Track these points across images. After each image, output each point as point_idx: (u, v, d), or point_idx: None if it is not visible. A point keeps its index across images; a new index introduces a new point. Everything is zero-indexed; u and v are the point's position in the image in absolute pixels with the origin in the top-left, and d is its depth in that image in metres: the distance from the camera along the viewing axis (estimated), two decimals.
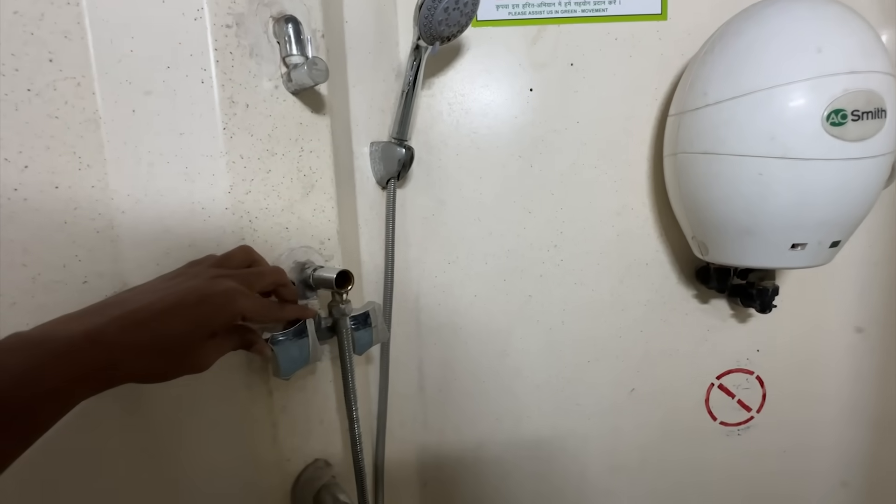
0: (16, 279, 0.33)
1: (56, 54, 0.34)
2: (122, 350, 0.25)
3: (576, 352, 0.67)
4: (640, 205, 0.64)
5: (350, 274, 0.40)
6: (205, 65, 0.37)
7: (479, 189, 0.62)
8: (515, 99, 0.61)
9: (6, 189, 0.32)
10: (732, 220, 0.50)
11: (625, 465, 0.71)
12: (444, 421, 0.68)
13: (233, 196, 0.39)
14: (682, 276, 0.67)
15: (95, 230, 0.36)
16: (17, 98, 0.32)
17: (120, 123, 0.36)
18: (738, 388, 0.70)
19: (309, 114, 0.44)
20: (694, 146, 0.51)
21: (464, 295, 0.65)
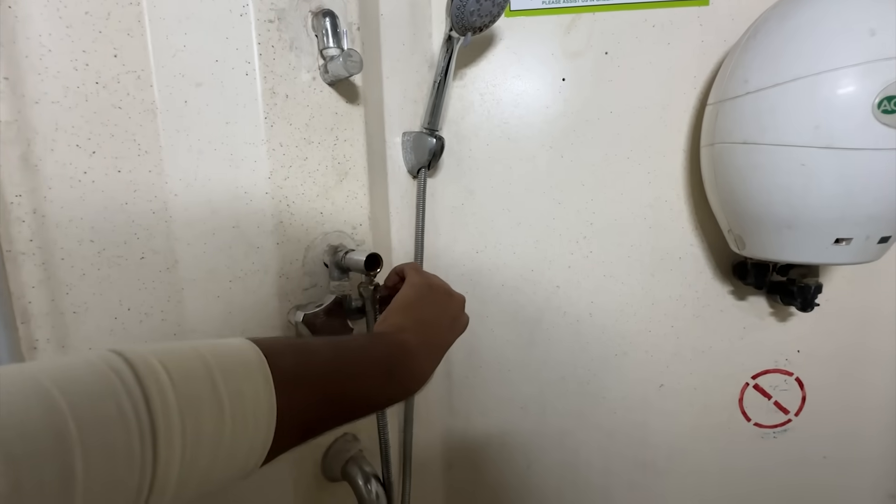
0: (85, 253, 0.37)
1: (120, 50, 0.37)
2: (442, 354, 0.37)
3: (603, 344, 0.67)
4: (674, 197, 0.63)
5: (379, 257, 0.42)
6: (249, 58, 0.39)
7: (508, 179, 0.63)
8: (547, 89, 0.61)
9: (77, 172, 0.36)
10: (771, 213, 0.49)
11: (652, 461, 0.70)
12: (469, 406, 0.69)
13: (272, 181, 0.41)
14: (718, 271, 0.65)
15: (152, 211, 0.40)
16: (87, 90, 0.36)
17: (174, 113, 0.39)
18: (776, 390, 0.67)
19: (344, 104, 0.46)
20: (732, 136, 0.50)
21: (491, 284, 0.66)
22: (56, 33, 0.34)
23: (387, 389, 0.31)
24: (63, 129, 0.35)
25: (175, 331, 0.42)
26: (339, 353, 0.29)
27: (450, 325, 0.39)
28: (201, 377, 0.22)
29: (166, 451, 0.19)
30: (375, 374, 0.30)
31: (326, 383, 0.27)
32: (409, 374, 0.33)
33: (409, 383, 0.33)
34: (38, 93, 0.34)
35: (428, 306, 0.38)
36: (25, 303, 0.34)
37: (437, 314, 0.38)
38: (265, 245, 0.42)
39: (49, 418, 0.17)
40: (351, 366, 0.29)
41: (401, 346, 0.33)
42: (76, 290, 0.37)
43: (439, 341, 0.37)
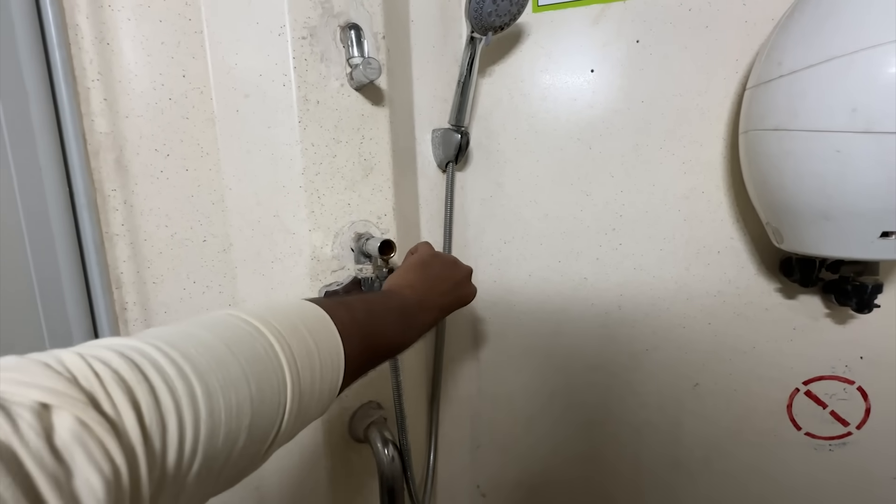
0: (161, 236, 0.46)
1: (187, 71, 0.46)
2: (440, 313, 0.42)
3: (633, 338, 0.66)
4: (712, 188, 0.60)
5: (392, 242, 0.46)
6: (286, 70, 0.46)
7: (535, 172, 0.64)
8: (575, 81, 0.61)
9: (156, 171, 0.45)
10: (806, 204, 0.45)
11: (685, 461, 0.68)
12: (497, 390, 0.72)
13: (305, 177, 0.48)
14: (763, 267, 0.61)
15: (211, 202, 0.48)
16: (163, 105, 0.45)
17: (228, 121, 0.47)
18: (833, 399, 0.62)
19: (370, 106, 0.51)
20: (765, 122, 0.47)
21: (519, 274, 0.68)
22: (140, 61, 0.43)
23: (404, 336, 0.36)
24: (145, 137, 0.45)
25: (230, 301, 0.50)
26: (371, 307, 0.34)
27: (451, 288, 0.43)
28: (301, 337, 0.25)
29: (289, 399, 0.23)
30: (396, 323, 0.35)
31: (367, 334, 0.31)
32: (416, 323, 0.37)
33: (416, 333, 0.38)
34: (128, 109, 0.43)
35: (430, 268, 0.43)
36: (118, 273, 0.44)
37: (438, 276, 0.42)
38: (300, 231, 0.49)
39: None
40: (381, 317, 0.34)
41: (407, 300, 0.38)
42: (155, 265, 0.46)
43: (438, 300, 0.41)
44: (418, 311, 0.38)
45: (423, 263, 0.44)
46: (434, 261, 0.45)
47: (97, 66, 0.41)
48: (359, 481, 0.56)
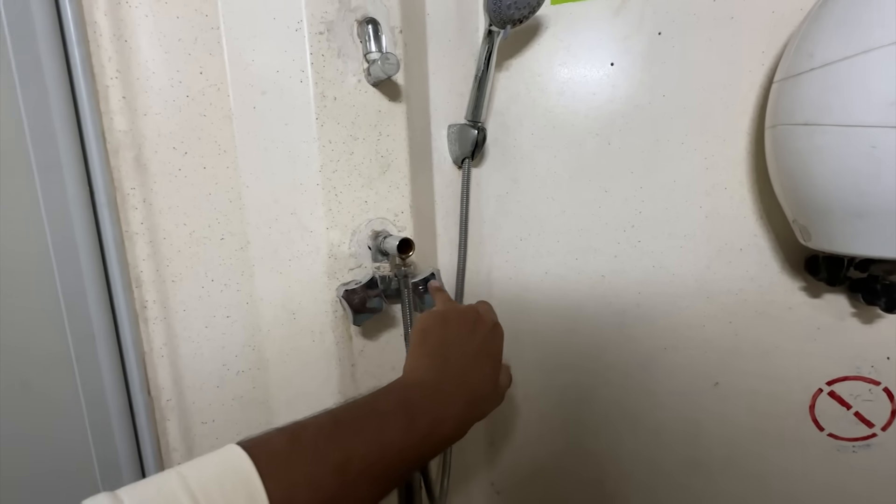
0: (180, 234, 0.46)
1: (204, 68, 0.45)
2: (478, 399, 0.34)
3: (651, 336, 0.65)
4: (735, 184, 0.59)
5: (410, 241, 0.46)
6: (303, 66, 0.45)
7: (552, 168, 0.63)
8: (594, 75, 0.60)
9: (174, 169, 0.45)
10: (837, 202, 0.44)
11: (703, 461, 0.67)
12: (512, 389, 0.71)
13: (323, 174, 0.48)
14: (787, 265, 0.59)
15: (229, 200, 0.48)
16: (181, 102, 0.45)
17: (245, 118, 0.47)
18: (857, 399, 0.60)
19: (387, 102, 0.50)
20: (794, 117, 0.46)
21: (535, 271, 0.67)
22: (158, 58, 0.43)
23: (411, 440, 0.26)
24: (164, 135, 0.44)
25: (247, 300, 0.50)
26: (339, 416, 0.26)
27: (475, 354, 0.33)
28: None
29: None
30: (391, 426, 0.26)
31: (325, 452, 0.23)
32: (433, 415, 0.28)
33: (438, 427, 0.28)
34: (146, 107, 0.43)
35: (445, 335, 0.34)
36: (138, 272, 0.44)
37: (457, 343, 0.34)
38: (317, 229, 0.49)
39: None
40: (354, 424, 0.26)
41: (417, 386, 0.29)
42: (174, 263, 0.46)
43: (463, 373, 0.32)
44: (436, 396, 0.29)
45: (432, 328, 0.34)
46: (444, 323, 0.34)
47: (115, 63, 0.41)
48: None
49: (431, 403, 0.29)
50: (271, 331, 0.51)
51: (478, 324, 0.36)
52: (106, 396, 0.40)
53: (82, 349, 0.38)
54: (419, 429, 0.27)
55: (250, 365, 0.52)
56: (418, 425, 0.27)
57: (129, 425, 0.43)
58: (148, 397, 0.45)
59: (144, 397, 0.44)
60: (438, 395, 0.30)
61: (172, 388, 0.47)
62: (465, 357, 0.33)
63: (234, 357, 0.51)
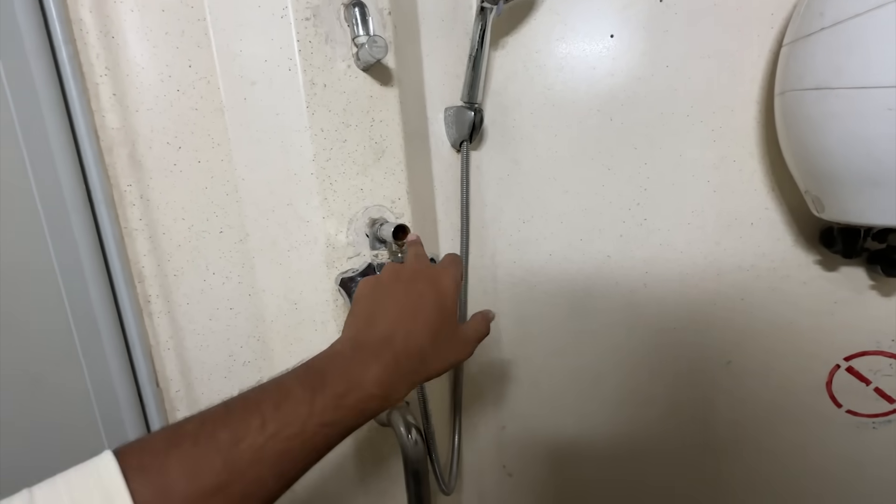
0: (179, 228, 0.47)
1: (193, 61, 0.45)
2: (412, 352, 0.30)
3: (660, 317, 0.64)
4: (745, 156, 0.56)
5: (406, 227, 0.45)
6: (290, 54, 0.45)
7: (553, 147, 0.62)
8: (593, 48, 0.58)
9: (169, 164, 0.45)
10: (851, 169, 0.42)
11: (717, 441, 0.66)
12: (520, 373, 0.72)
13: (316, 163, 0.47)
14: (801, 238, 0.57)
15: (226, 193, 0.48)
16: (172, 97, 0.45)
17: (237, 110, 0.47)
18: (877, 375, 0.58)
19: (378, 87, 0.49)
20: (804, 81, 0.43)
21: (539, 253, 0.66)
22: (146, 53, 0.43)
23: (318, 408, 0.25)
24: (157, 130, 0.44)
25: (249, 291, 0.51)
26: (233, 400, 0.25)
27: (405, 309, 0.31)
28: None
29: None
30: (291, 398, 0.24)
31: (209, 438, 0.22)
32: (344, 380, 0.26)
33: (353, 391, 0.26)
34: (137, 103, 0.43)
35: (375, 297, 0.33)
36: (140, 267, 0.45)
37: (387, 302, 0.32)
38: (313, 219, 0.48)
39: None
40: (247, 403, 0.24)
41: (327, 354, 0.28)
42: (175, 258, 0.47)
43: (389, 331, 0.30)
44: (344, 362, 0.27)
45: (363, 295, 0.33)
46: (378, 287, 0.33)
47: (104, 60, 0.41)
48: (386, 464, 0.57)
49: (342, 368, 0.27)
50: (275, 321, 0.52)
51: (413, 279, 0.34)
52: (115, 389, 0.42)
53: (89, 344, 0.39)
54: (327, 396, 0.25)
55: (256, 355, 0.52)
56: (326, 393, 0.25)
57: (139, 416, 0.44)
58: (157, 389, 0.46)
59: (153, 389, 0.45)
60: (351, 359, 0.28)
61: (181, 380, 0.48)
62: (392, 315, 0.31)
63: (240, 348, 0.51)
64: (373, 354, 0.29)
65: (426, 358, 0.31)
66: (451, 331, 0.33)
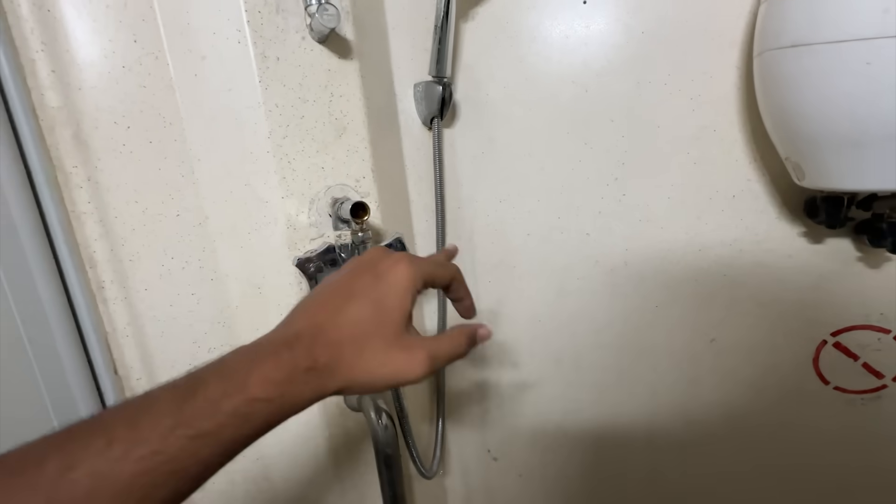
0: (132, 212, 0.45)
1: (138, 35, 0.43)
2: (320, 347, 0.25)
3: (642, 295, 0.62)
4: (726, 125, 0.54)
5: (365, 204, 0.44)
6: (239, 26, 0.43)
7: (528, 122, 0.60)
8: (566, 15, 0.55)
9: (118, 144, 0.44)
10: (830, 130, 0.40)
11: (703, 419, 0.65)
12: (502, 356, 0.70)
13: (272, 141, 0.45)
14: (786, 210, 0.55)
15: (181, 174, 0.46)
16: (116, 74, 0.43)
17: (188, 87, 0.45)
18: (865, 350, 0.57)
19: (336, 60, 0.47)
20: (780, 39, 0.41)
21: (517, 233, 0.64)
22: (85, 27, 0.41)
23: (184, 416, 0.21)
24: (102, 109, 0.43)
25: (211, 276, 0.49)
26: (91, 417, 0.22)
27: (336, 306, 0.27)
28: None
29: None
30: (154, 411, 0.21)
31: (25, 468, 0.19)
32: (223, 383, 0.23)
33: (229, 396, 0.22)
34: (79, 81, 0.41)
35: (303, 300, 0.30)
36: (91, 252, 0.43)
37: (308, 302, 0.29)
38: (272, 199, 0.47)
39: None
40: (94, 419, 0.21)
41: (210, 364, 0.24)
42: (129, 242, 0.45)
43: (296, 329, 0.26)
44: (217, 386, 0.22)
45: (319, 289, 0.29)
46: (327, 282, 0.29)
47: (39, 35, 0.39)
48: (359, 449, 0.56)
49: (226, 369, 0.23)
50: (240, 306, 0.51)
51: (357, 269, 0.29)
52: (67, 378, 0.40)
53: (34, 331, 0.38)
54: (199, 402, 0.22)
55: (222, 342, 0.51)
56: (198, 398, 0.22)
57: (97, 405, 0.43)
58: (116, 377, 0.45)
59: (111, 376, 0.44)
60: (241, 358, 0.24)
61: (142, 368, 0.47)
62: (314, 307, 0.28)
63: (204, 334, 0.50)
64: (271, 353, 0.24)
65: (342, 361, 0.25)
66: (389, 336, 0.27)
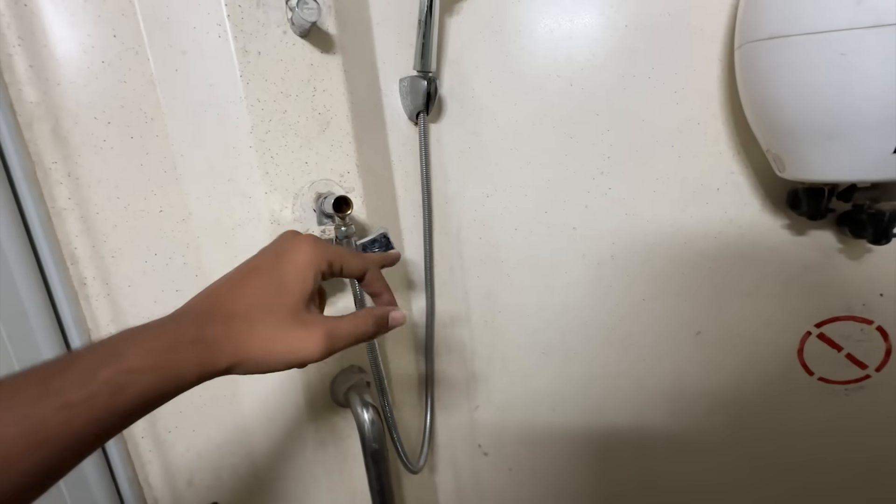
0: (114, 208, 0.45)
1: (117, 30, 0.43)
2: (209, 319, 0.25)
3: (629, 289, 0.62)
4: (709, 118, 0.54)
5: (347, 198, 0.44)
6: (219, 20, 0.43)
7: (514, 117, 0.60)
8: (550, 9, 0.55)
9: (98, 140, 0.43)
10: (807, 122, 0.40)
11: (689, 410, 0.65)
12: (491, 351, 0.71)
13: (255, 136, 0.45)
14: (769, 202, 0.55)
15: (163, 170, 0.46)
16: (96, 69, 0.42)
17: (169, 82, 0.45)
18: (848, 341, 0.57)
19: (319, 54, 0.47)
20: (759, 31, 0.41)
21: (504, 228, 0.65)
22: (63, 21, 0.41)
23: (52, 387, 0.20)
24: (82, 104, 0.42)
25: (196, 272, 0.49)
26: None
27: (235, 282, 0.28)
28: None
29: None
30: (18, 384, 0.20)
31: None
32: (98, 352, 0.22)
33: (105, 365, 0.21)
34: (58, 76, 0.41)
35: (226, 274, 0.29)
36: (72, 248, 0.43)
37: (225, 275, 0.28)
38: (255, 195, 0.47)
39: None
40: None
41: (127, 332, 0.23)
42: (111, 238, 0.45)
43: (190, 304, 0.26)
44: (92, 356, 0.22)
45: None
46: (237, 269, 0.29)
47: (16, 29, 0.39)
48: (346, 445, 0.56)
49: (100, 345, 0.22)
50: None
51: (265, 249, 0.30)
52: None
53: (14, 327, 0.38)
54: (72, 373, 0.21)
55: None
56: (71, 370, 0.21)
57: None
58: None
59: None
60: (121, 335, 0.23)
61: None
62: (215, 285, 0.28)
63: None
64: (154, 327, 0.24)
65: (231, 334, 0.25)
66: (285, 313, 0.27)
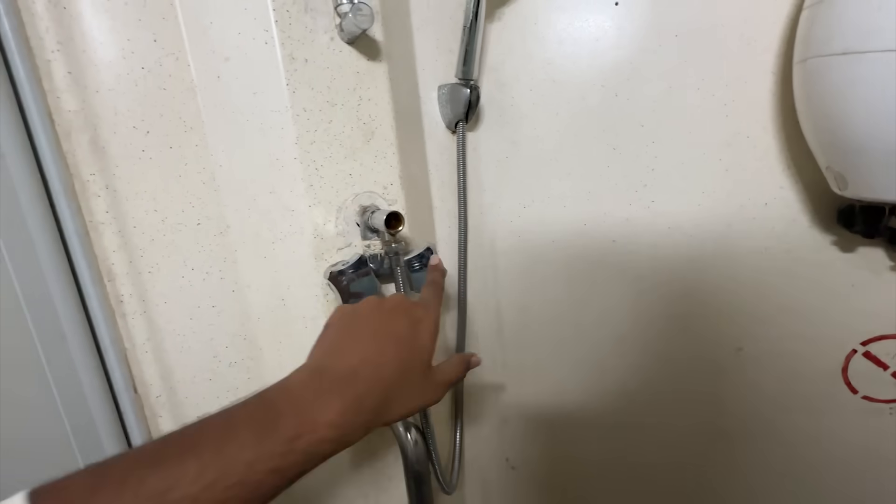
0: (151, 221, 0.43)
1: (158, 35, 0.41)
2: (370, 391, 0.27)
3: (668, 303, 0.61)
4: (759, 131, 0.53)
5: (399, 214, 0.42)
6: (266, 26, 0.41)
7: (555, 126, 0.58)
8: (597, 18, 0.54)
9: (137, 150, 0.41)
10: (881, 141, 0.39)
11: (727, 430, 0.64)
12: (522, 363, 0.69)
13: (299, 146, 0.43)
14: (818, 218, 0.54)
15: (202, 181, 0.44)
16: (136, 76, 0.40)
17: (210, 89, 0.43)
18: (895, 359, 0.56)
19: (365, 62, 0.45)
20: (829, 46, 0.40)
21: (541, 241, 0.63)
22: (103, 26, 0.39)
23: (267, 451, 0.22)
24: (121, 113, 0.40)
25: (233, 287, 0.47)
26: (170, 437, 0.23)
27: (377, 348, 0.29)
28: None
29: None
30: (237, 439, 0.22)
31: (138, 483, 0.20)
32: (299, 419, 0.24)
33: (308, 432, 0.24)
34: (97, 83, 0.39)
35: (348, 327, 0.30)
36: (109, 264, 0.41)
37: (360, 337, 0.29)
38: (299, 208, 0.45)
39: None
40: (186, 442, 0.22)
41: (284, 388, 0.26)
42: (148, 253, 0.43)
43: (353, 370, 0.27)
44: (301, 401, 0.25)
45: (329, 327, 0.31)
46: (342, 319, 0.31)
47: (55, 34, 0.37)
48: (383, 463, 0.54)
49: (297, 405, 0.25)
50: (262, 318, 0.49)
51: (393, 312, 0.31)
52: (87, 397, 0.38)
53: (52, 350, 0.36)
54: (278, 440, 0.23)
55: (243, 355, 0.49)
56: (277, 436, 0.23)
57: (116, 425, 0.41)
58: (135, 395, 0.43)
59: (131, 395, 0.42)
60: (309, 392, 0.26)
61: (161, 384, 0.45)
62: (363, 347, 0.29)
63: (225, 348, 0.48)
64: (334, 390, 0.26)
65: (391, 400, 0.28)
66: (423, 373, 0.31)
